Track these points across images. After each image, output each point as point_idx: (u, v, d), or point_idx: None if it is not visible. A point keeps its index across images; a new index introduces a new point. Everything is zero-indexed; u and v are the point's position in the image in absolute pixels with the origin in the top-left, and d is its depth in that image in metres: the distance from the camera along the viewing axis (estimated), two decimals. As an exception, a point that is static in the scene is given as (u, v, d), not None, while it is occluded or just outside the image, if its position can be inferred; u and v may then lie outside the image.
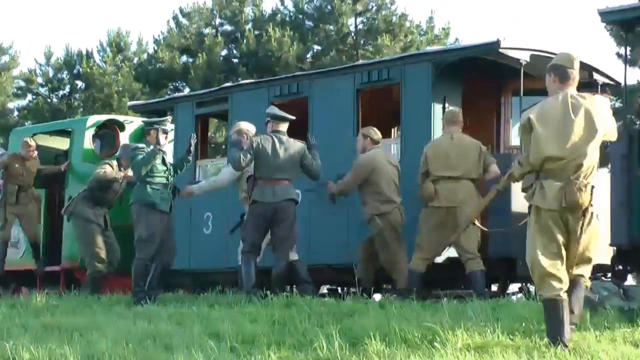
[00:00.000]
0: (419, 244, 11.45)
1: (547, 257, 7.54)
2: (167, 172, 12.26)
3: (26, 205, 15.96)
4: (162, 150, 12.22)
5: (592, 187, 7.58)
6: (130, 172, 13.53)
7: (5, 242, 15.91)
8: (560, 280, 7.53)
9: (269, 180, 11.48)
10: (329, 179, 12.27)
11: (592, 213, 7.62)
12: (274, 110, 11.96)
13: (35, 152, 16.07)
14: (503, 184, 9.23)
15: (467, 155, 11.43)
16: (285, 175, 11.52)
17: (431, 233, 11.39)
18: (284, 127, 11.69)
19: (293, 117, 11.82)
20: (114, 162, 13.96)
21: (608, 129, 7.67)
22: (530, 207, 7.85)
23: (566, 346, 7.37)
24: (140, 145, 12.50)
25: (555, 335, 7.47)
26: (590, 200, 7.55)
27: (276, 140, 11.51)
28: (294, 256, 11.47)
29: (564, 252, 7.58)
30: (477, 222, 10.51)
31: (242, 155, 11.53)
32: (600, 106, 7.67)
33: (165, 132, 12.36)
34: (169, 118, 13.37)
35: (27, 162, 15.95)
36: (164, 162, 12.25)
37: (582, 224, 7.56)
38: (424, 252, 11.40)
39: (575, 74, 7.79)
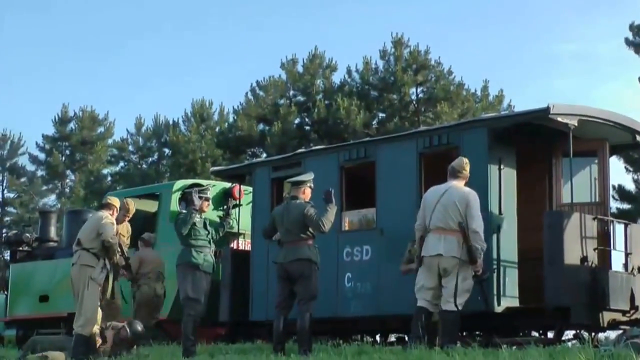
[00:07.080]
0: None
1: None
2: (208, 236, 12.45)
3: None
4: (199, 212, 12.41)
5: None
6: None
7: None
8: None
9: (283, 242, 11.39)
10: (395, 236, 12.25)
11: None
12: (294, 177, 11.94)
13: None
14: None
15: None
16: (293, 236, 11.25)
17: None
18: (299, 190, 11.51)
19: (306, 179, 11.68)
20: None
21: None
22: None
23: None
24: (184, 211, 12.73)
25: None
26: None
27: (284, 206, 11.47)
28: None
29: None
30: None
31: (265, 227, 11.93)
32: None
33: (205, 198, 12.61)
34: (210, 186, 13.84)
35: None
36: (205, 226, 12.44)
37: None
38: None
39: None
